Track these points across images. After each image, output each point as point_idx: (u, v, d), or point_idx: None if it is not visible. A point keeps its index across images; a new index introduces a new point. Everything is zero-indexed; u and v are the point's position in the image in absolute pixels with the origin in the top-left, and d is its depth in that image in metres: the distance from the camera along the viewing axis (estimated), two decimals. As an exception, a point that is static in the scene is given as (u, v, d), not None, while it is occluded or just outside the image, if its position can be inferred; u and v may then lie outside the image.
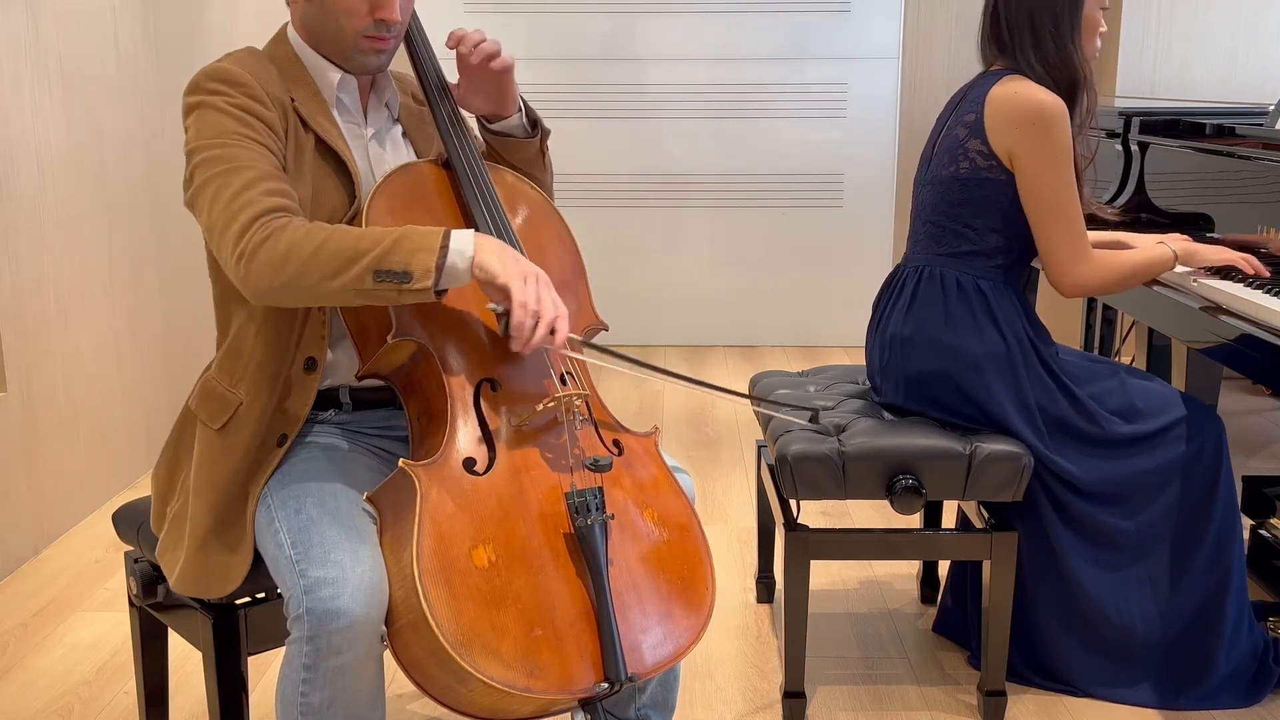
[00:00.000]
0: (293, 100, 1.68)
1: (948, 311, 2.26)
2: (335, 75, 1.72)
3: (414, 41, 1.81)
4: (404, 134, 1.85)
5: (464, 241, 1.52)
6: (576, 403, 1.66)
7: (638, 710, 1.83)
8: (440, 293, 1.53)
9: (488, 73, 1.79)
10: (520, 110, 1.87)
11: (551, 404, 1.63)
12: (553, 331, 1.55)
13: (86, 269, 3.23)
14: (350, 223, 1.68)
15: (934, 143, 2.35)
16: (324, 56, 1.72)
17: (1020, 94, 2.17)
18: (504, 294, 1.53)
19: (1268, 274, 2.35)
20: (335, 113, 1.73)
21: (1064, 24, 2.20)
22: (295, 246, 1.49)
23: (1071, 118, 2.20)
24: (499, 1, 4.97)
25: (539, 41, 5.00)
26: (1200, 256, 2.40)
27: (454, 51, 1.79)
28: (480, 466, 1.57)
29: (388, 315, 1.58)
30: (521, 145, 1.87)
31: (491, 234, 1.70)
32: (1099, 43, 2.29)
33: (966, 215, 2.26)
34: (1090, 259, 2.21)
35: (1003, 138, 2.19)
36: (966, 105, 2.26)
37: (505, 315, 1.54)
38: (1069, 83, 2.21)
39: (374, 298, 1.51)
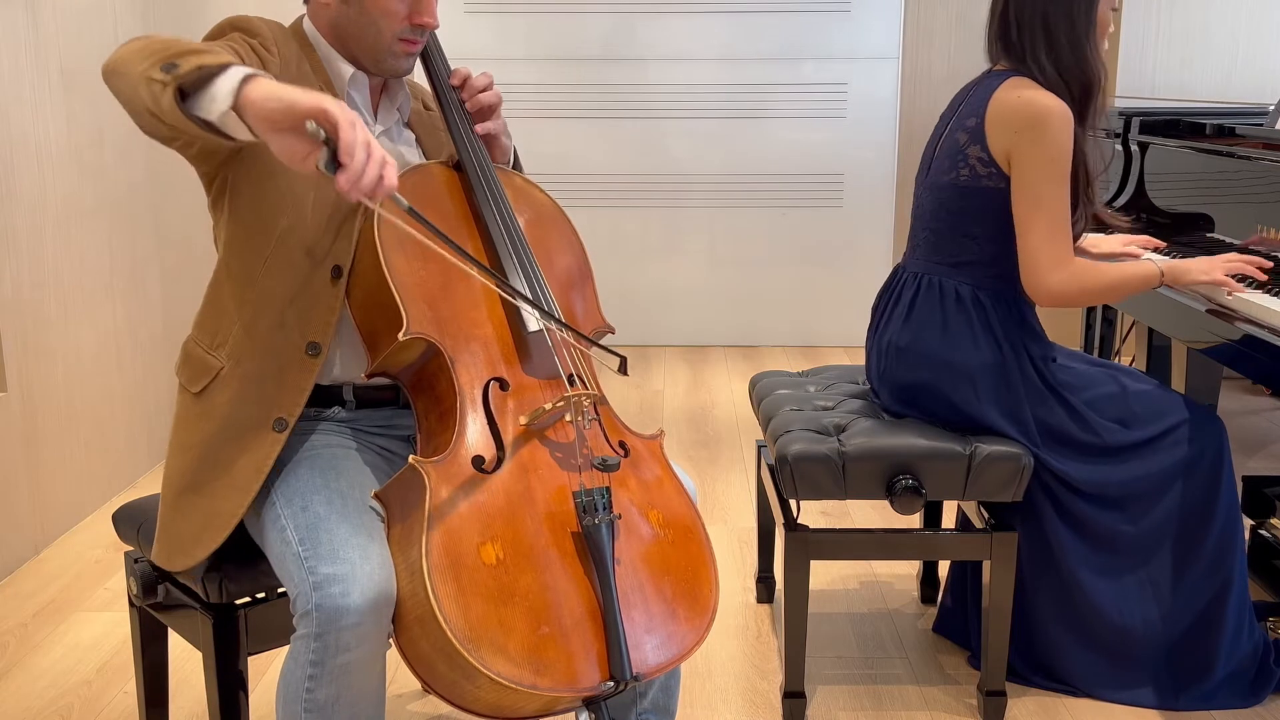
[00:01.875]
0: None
1: (945, 322, 2.24)
2: (348, 71, 1.73)
3: (428, 44, 1.82)
4: (416, 140, 1.87)
5: (244, 70, 1.35)
6: (585, 403, 1.66)
7: (639, 714, 1.82)
8: (196, 119, 1.35)
9: (481, 126, 1.82)
10: (508, 164, 1.90)
11: (560, 403, 1.63)
12: (381, 177, 1.34)
13: (86, 269, 3.23)
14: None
15: (935, 144, 2.32)
16: (345, 56, 1.73)
17: (1024, 98, 2.13)
18: (316, 116, 1.31)
19: (1266, 272, 2.32)
20: None
21: (1080, 24, 2.14)
22: (155, 38, 1.43)
23: (1084, 120, 2.16)
24: (499, 1, 4.97)
25: (539, 41, 5.00)
26: (1190, 276, 2.27)
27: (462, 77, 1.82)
28: (489, 465, 1.58)
29: (399, 313, 1.59)
30: None
31: (502, 235, 1.72)
32: (1105, 44, 2.24)
33: (966, 224, 2.23)
34: (1070, 265, 2.14)
35: (1002, 141, 2.15)
36: (968, 108, 2.22)
37: (328, 143, 1.32)
38: (1083, 85, 2.16)
39: (149, 91, 1.37)
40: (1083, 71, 2.16)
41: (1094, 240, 2.60)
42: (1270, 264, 2.32)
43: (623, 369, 1.63)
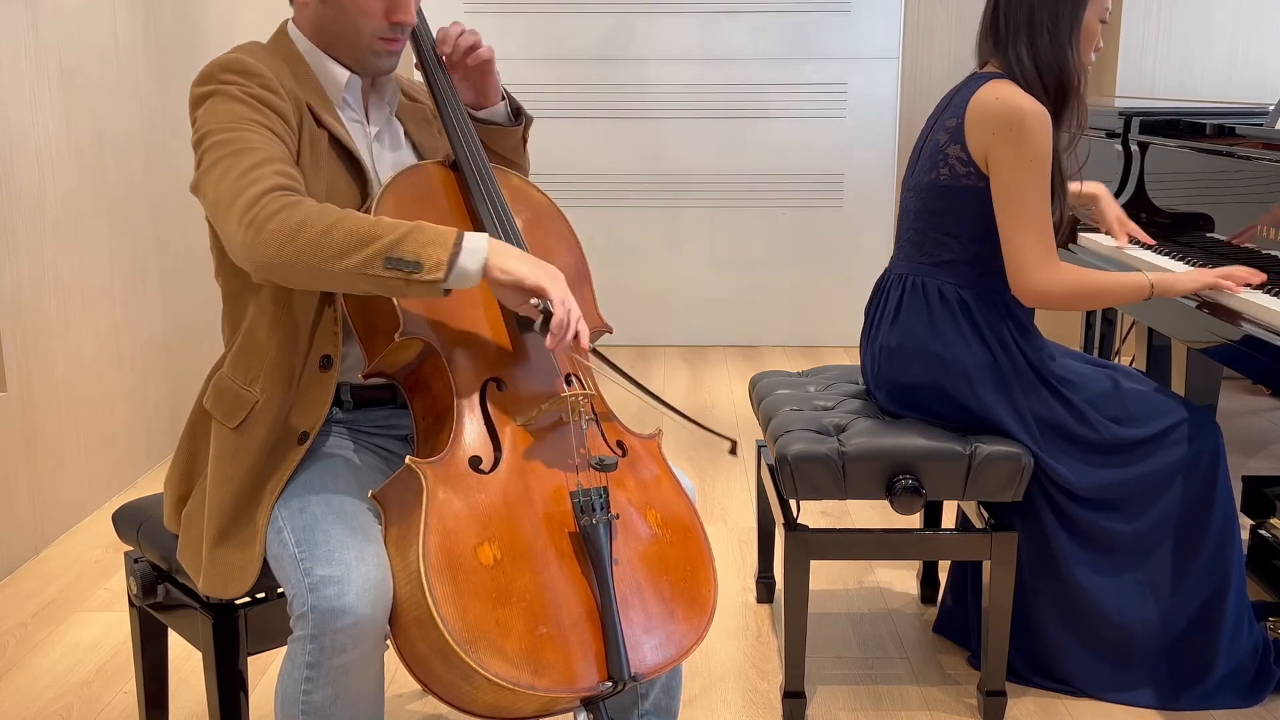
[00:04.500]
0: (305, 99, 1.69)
1: (932, 322, 2.24)
2: (343, 75, 1.73)
3: (421, 42, 1.82)
4: (405, 133, 1.86)
5: (478, 243, 1.50)
6: (582, 403, 1.66)
7: (640, 715, 1.82)
8: (447, 291, 1.49)
9: (469, 66, 1.83)
10: (504, 99, 1.91)
11: (558, 404, 1.63)
12: (577, 334, 1.55)
13: (86, 269, 3.23)
14: None
15: (920, 145, 2.33)
16: (332, 57, 1.73)
17: (1002, 99, 2.14)
18: (538, 293, 1.53)
19: (1257, 281, 2.32)
20: (340, 111, 1.74)
21: (1063, 23, 2.16)
22: (309, 222, 1.46)
23: (1060, 123, 2.17)
24: (499, 1, 4.97)
25: (539, 41, 5.00)
26: (1180, 287, 2.28)
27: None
28: (486, 465, 1.58)
29: (395, 314, 1.59)
30: (505, 133, 1.91)
31: (499, 236, 1.71)
32: (1094, 56, 2.26)
33: (948, 223, 2.24)
34: (1055, 267, 2.15)
35: (980, 142, 2.16)
36: (951, 110, 2.24)
37: (546, 315, 1.53)
38: (1059, 84, 2.17)
39: (380, 285, 1.47)
40: (1060, 70, 2.17)
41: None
42: (1262, 277, 2.32)
43: (733, 451, 1.70)
